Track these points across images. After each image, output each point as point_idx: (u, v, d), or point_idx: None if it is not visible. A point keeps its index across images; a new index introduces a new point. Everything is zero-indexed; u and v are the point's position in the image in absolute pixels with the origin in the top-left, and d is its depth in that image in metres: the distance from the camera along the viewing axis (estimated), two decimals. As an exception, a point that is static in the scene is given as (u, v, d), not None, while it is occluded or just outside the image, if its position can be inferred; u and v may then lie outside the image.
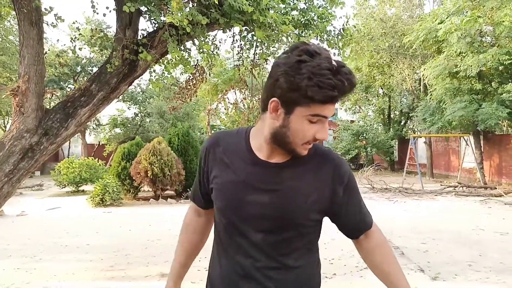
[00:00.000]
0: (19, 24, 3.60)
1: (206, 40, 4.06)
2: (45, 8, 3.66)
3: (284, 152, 1.11)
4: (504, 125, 15.30)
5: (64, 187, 14.07)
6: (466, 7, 12.77)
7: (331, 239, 6.34)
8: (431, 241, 6.14)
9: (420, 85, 19.06)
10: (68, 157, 16.30)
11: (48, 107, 4.00)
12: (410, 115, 21.00)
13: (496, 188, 12.28)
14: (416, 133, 19.84)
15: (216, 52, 4.81)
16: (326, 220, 1.29)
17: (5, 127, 22.69)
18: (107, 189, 10.48)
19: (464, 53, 12.47)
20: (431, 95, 15.11)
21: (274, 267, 1.13)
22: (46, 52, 4.06)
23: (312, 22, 4.31)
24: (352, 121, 25.68)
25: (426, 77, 15.18)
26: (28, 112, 3.64)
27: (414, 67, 18.49)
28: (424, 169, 18.27)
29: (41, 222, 8.49)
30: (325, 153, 1.19)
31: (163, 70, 4.46)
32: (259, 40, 4.18)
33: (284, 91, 1.00)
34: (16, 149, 3.58)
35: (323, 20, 4.31)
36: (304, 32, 4.23)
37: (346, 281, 4.32)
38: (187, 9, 3.56)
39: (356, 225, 1.26)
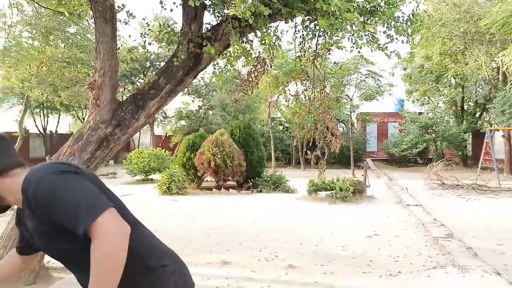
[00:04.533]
0: (95, 22, 3.86)
1: (268, 31, 4.05)
2: (118, 6, 3.88)
3: None
4: None
5: (135, 176, 15.00)
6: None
7: (395, 236, 6.12)
8: (509, 243, 5.65)
9: (498, 74, 17.48)
10: (138, 148, 17.32)
11: (120, 100, 4.26)
12: (487, 106, 19.36)
13: None
14: (493, 126, 18.29)
15: (278, 43, 4.79)
16: (391, 218, 1.21)
17: (83, 119, 24.66)
18: (173, 178, 10.99)
19: (553, 36, 11.20)
20: (511, 84, 13.80)
21: None
22: (118, 48, 4.31)
23: (378, 9, 4.11)
24: (420, 113, 24.31)
25: (505, 64, 13.87)
26: (104, 104, 3.90)
27: (491, 54, 16.96)
28: (502, 165, 16.81)
29: (115, 208, 9.12)
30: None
31: (226, 63, 4.53)
32: (322, 29, 4.08)
33: None
34: (93, 139, 3.87)
35: (391, 6, 4.08)
36: (370, 20, 4.05)
37: (411, 280, 4.13)
38: (250, 0, 3.57)
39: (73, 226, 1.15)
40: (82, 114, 25.35)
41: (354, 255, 5.08)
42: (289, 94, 8.12)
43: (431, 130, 21.29)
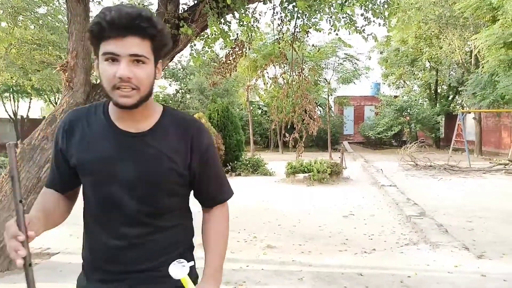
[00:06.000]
0: (66, 1, 3.72)
1: (246, 13, 4.01)
2: (90, -15, 3.76)
3: (133, 112, 1.12)
4: None
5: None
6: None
7: (370, 215, 6.30)
8: (477, 220, 5.91)
9: (471, 58, 17.93)
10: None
11: (94, 82, 4.16)
12: (459, 89, 19.91)
13: (552, 167, 11.52)
14: (465, 108, 18.85)
15: (256, 26, 4.75)
16: (366, 198, 1.25)
17: (56, 103, 23.94)
18: (151, 162, 10.88)
19: (522, 21, 11.54)
20: (482, 67, 14.21)
21: (149, 232, 1.19)
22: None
23: (356, -10, 4.13)
24: (395, 96, 24.76)
25: (478, 47, 14.24)
26: (77, 87, 3.80)
27: (465, 38, 17.35)
28: (472, 146, 17.42)
29: (91, 193, 8.99)
30: (186, 121, 1.23)
31: (203, 44, 4.47)
32: (300, 11, 4.08)
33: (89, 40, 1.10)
34: (67, 122, 3.78)
35: (368, -12, 4.11)
36: (347, 2, 4.07)
37: (386, 257, 4.28)
38: (227, -20, 3.51)
39: (208, 195, 1.31)
40: (55, 99, 24.58)
41: (331, 234, 5.21)
42: (268, 77, 8.07)
43: (405, 113, 21.76)
